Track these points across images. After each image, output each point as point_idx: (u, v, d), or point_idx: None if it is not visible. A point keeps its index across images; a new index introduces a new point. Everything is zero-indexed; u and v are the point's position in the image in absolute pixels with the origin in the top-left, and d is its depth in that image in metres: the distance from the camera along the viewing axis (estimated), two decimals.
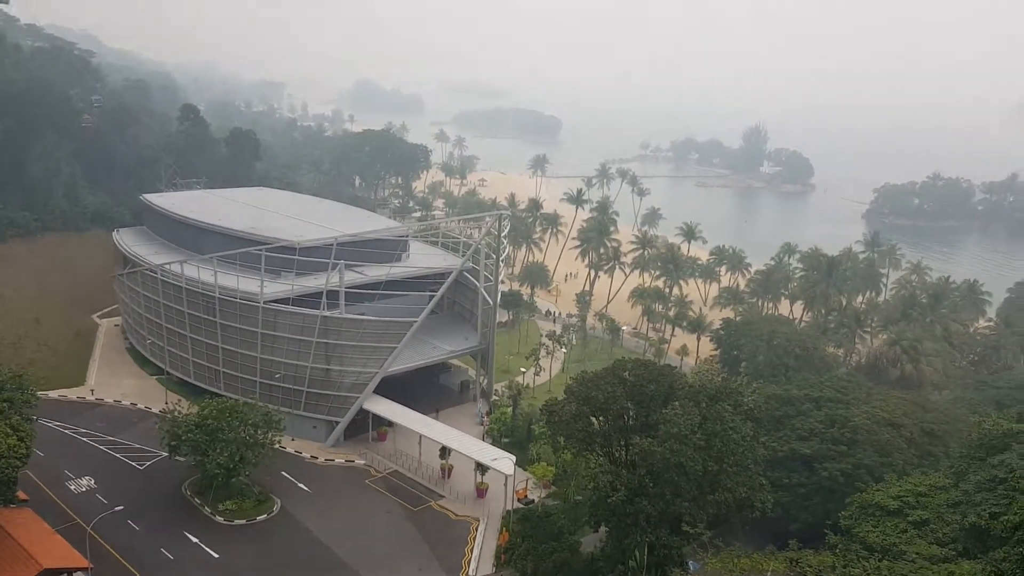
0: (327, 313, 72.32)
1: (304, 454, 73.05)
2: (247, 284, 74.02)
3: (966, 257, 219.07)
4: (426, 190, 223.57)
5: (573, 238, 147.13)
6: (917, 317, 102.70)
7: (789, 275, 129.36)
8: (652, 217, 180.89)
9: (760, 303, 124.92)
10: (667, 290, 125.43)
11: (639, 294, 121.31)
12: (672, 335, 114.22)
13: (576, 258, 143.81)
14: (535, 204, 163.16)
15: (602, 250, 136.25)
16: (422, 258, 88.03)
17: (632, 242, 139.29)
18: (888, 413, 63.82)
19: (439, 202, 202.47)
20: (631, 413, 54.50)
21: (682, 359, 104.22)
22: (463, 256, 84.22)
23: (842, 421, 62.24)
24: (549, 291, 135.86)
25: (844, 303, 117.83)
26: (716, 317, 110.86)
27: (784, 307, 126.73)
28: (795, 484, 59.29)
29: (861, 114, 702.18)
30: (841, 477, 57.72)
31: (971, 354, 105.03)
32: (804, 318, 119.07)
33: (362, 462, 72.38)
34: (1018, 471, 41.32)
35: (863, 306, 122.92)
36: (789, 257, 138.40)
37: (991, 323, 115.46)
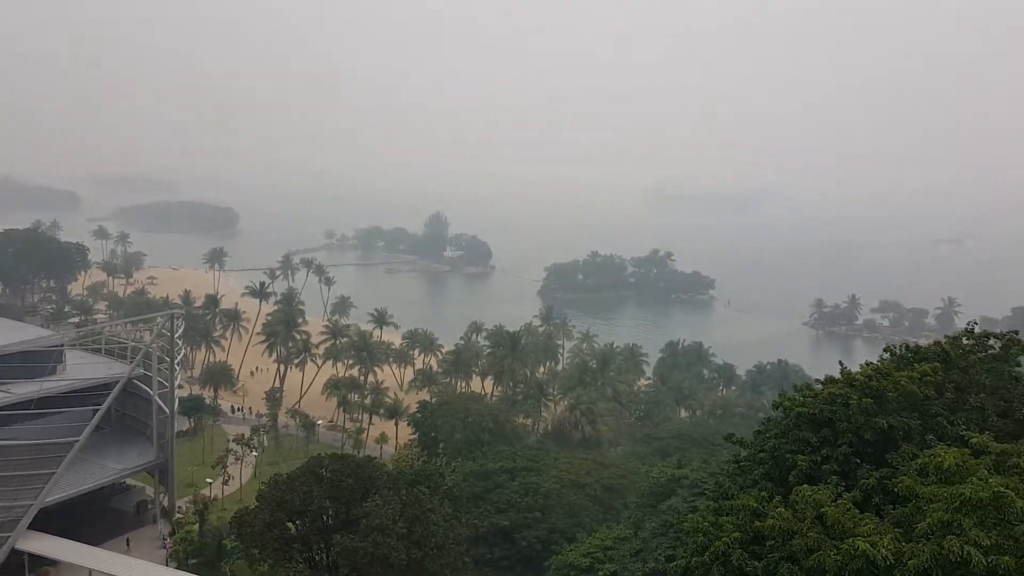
0: None
1: None
2: None
3: (625, 324, 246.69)
4: (85, 292, 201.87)
5: (258, 333, 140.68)
6: (590, 381, 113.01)
7: (478, 352, 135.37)
8: (342, 306, 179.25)
9: (454, 382, 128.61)
10: (362, 378, 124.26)
11: (333, 385, 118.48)
12: (370, 424, 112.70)
13: (263, 353, 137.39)
14: (213, 300, 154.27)
15: (291, 343, 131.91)
16: (82, 368, 77.84)
17: (323, 332, 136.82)
18: (574, 475, 68.23)
19: (102, 305, 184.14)
20: (330, 512, 52.11)
21: (382, 447, 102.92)
22: (131, 362, 76.04)
23: (535, 488, 65.12)
24: (235, 391, 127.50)
25: (529, 375, 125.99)
26: (413, 400, 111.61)
27: (476, 384, 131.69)
28: (498, 558, 60.45)
29: (527, 202, 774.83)
30: (538, 544, 60.00)
31: (637, 410, 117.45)
32: (495, 392, 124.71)
33: None
34: (683, 514, 45.91)
35: (545, 376, 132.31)
36: (477, 335, 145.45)
37: (650, 381, 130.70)
